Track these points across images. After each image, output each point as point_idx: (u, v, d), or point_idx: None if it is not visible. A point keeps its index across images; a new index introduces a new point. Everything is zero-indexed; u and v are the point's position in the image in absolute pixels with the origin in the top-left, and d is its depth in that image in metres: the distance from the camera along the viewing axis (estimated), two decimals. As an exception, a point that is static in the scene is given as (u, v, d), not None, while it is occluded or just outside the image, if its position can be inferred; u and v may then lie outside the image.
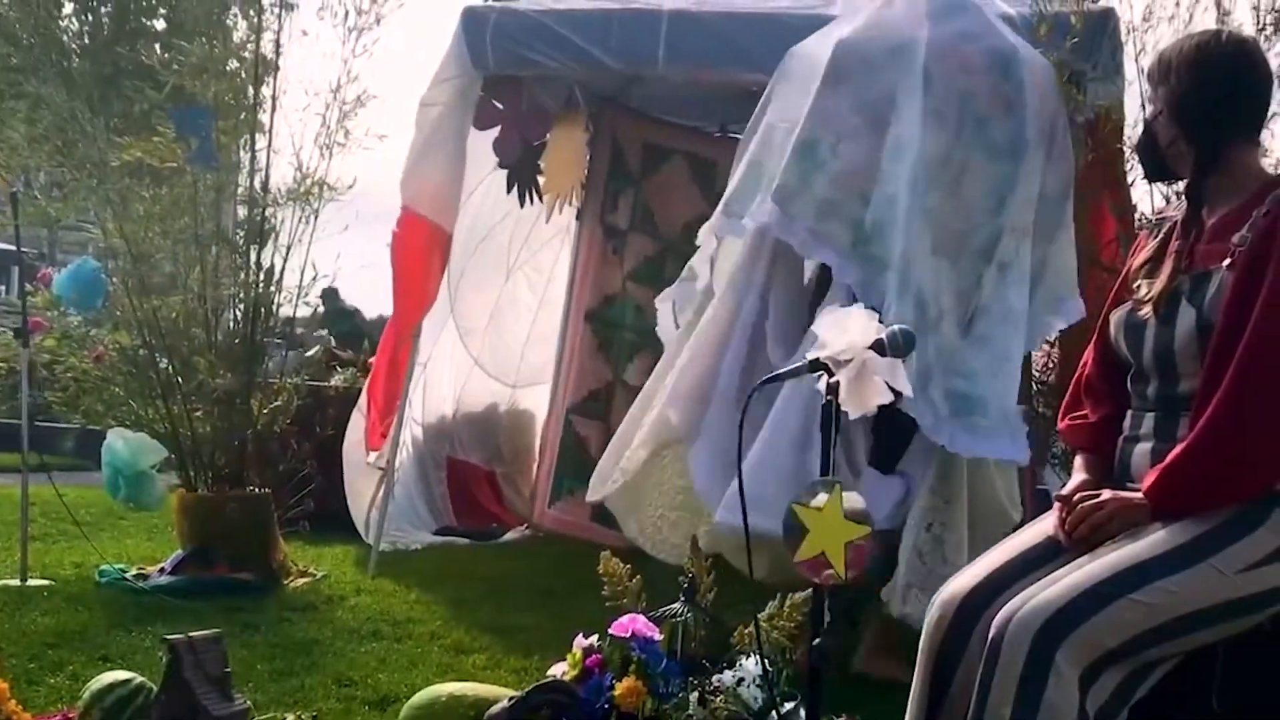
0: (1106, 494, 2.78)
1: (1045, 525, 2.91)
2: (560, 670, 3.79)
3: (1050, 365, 5.73)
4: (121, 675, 3.99)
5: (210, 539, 6.22)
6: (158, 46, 7.23)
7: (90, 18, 23.69)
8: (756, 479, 4.35)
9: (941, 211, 4.80)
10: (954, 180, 4.82)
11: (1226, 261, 2.73)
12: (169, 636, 3.87)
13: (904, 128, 4.79)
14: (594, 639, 3.77)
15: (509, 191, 7.49)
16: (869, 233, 4.76)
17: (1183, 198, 2.95)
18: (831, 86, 4.89)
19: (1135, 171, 5.39)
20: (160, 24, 22.86)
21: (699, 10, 6.27)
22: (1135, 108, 5.41)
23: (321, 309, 9.65)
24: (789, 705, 3.43)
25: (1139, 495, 2.72)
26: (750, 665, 3.60)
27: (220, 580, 6.00)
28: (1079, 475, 2.96)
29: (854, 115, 4.89)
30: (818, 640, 2.69)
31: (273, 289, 6.62)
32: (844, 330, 2.72)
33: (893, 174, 4.77)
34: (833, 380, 2.70)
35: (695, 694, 3.57)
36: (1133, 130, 5.37)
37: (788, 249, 4.95)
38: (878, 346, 2.69)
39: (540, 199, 7.64)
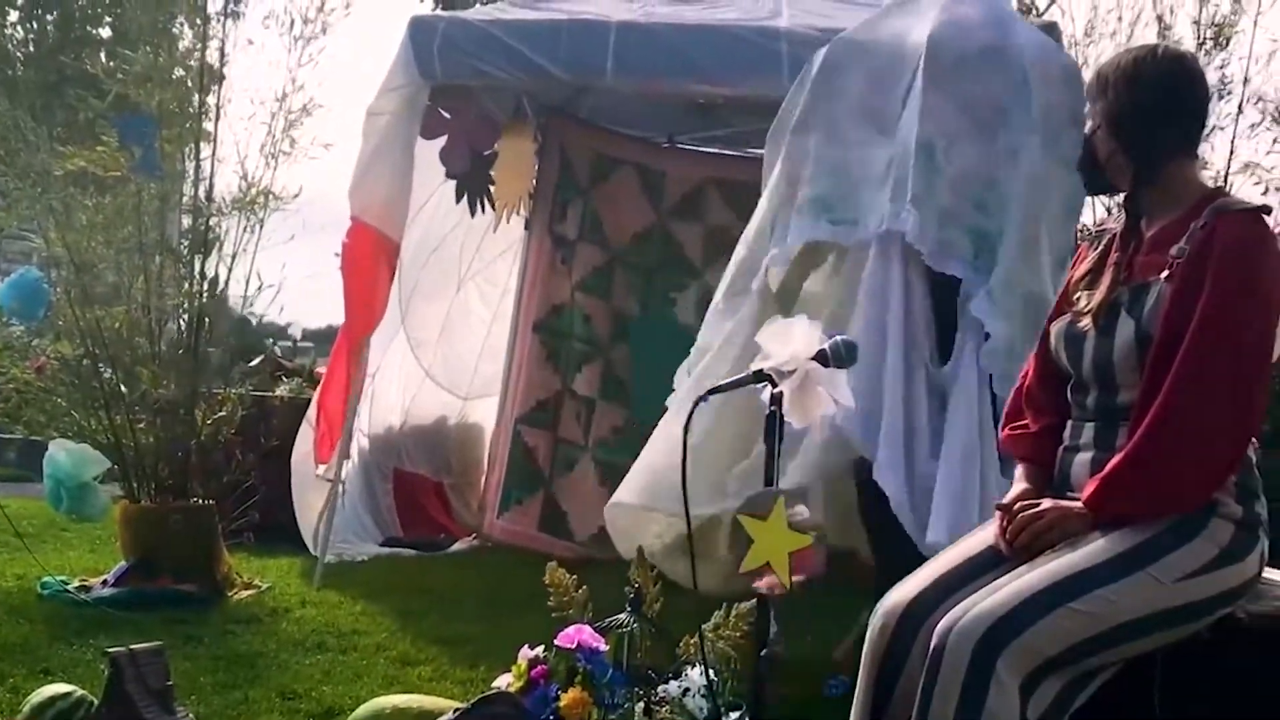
0: (1047, 503, 2.80)
1: (986, 534, 2.93)
2: (506, 682, 3.79)
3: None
4: (62, 688, 3.95)
5: (153, 551, 6.16)
6: (103, 54, 7.17)
7: (35, 25, 23.52)
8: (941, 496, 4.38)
9: (1034, 221, 4.75)
10: (1045, 191, 4.79)
11: (1165, 273, 2.76)
12: (110, 649, 3.84)
13: (1014, 135, 4.73)
14: (540, 650, 3.77)
15: (458, 201, 7.49)
16: (993, 243, 4.69)
17: (1122, 210, 2.98)
18: (933, 84, 4.75)
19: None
20: (106, 32, 22.70)
21: (647, 22, 6.29)
22: (1078, 120, 5.48)
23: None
24: (734, 715, 3.43)
25: (1079, 504, 2.75)
26: (696, 676, 3.60)
27: (164, 592, 5.94)
28: (1019, 484, 2.99)
29: (960, 116, 4.78)
30: (764, 651, 2.70)
31: (217, 299, 6.57)
32: (787, 341, 2.74)
33: (1008, 183, 4.71)
34: (776, 391, 2.72)
35: (641, 705, 3.57)
36: (1075, 142, 5.43)
37: (914, 255, 4.73)
38: (820, 357, 2.71)
39: (493, 208, 7.65)
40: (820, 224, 4.91)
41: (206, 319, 6.52)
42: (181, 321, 6.56)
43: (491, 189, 7.57)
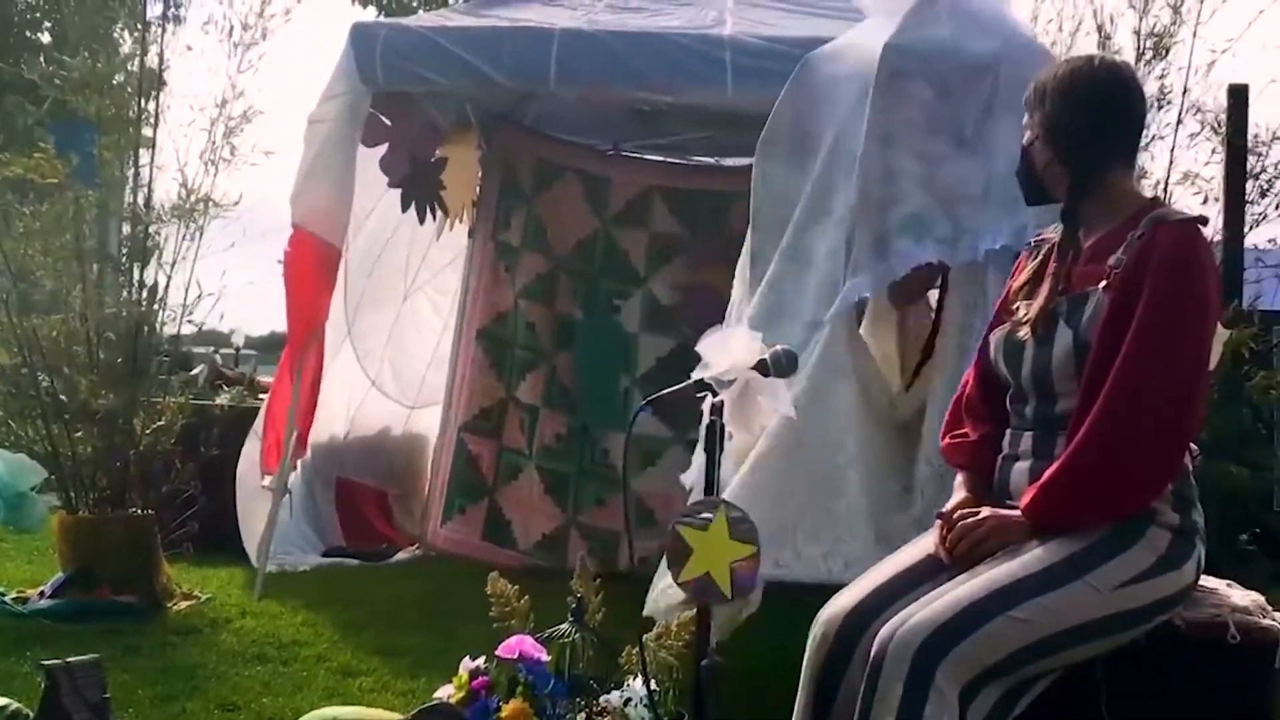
0: (986, 511, 2.82)
1: (926, 543, 2.95)
2: (447, 693, 3.76)
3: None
4: (-3, 702, 3.91)
5: (92, 562, 6.07)
6: (41, 60, 7.06)
7: (-28, 31, 23.22)
8: None
9: None
10: None
11: (1103, 283, 2.78)
12: (46, 662, 3.79)
13: None
14: (481, 661, 3.74)
15: (405, 210, 7.45)
16: None
17: (1060, 220, 3.00)
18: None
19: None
20: (45, 37, 22.44)
21: (590, 29, 6.27)
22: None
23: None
24: (675, 725, 3.43)
25: (1018, 513, 2.77)
26: (638, 686, 3.59)
27: (102, 604, 5.87)
28: (959, 493, 3.00)
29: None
30: (705, 661, 2.70)
31: (156, 307, 6.51)
32: (727, 350, 2.73)
33: None
34: (716, 400, 2.71)
35: (582, 715, 3.56)
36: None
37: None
38: (761, 367, 2.71)
39: (446, 214, 7.62)
40: (927, 245, 4.60)
41: (145, 328, 6.45)
42: (121, 330, 6.48)
43: (443, 195, 7.56)
